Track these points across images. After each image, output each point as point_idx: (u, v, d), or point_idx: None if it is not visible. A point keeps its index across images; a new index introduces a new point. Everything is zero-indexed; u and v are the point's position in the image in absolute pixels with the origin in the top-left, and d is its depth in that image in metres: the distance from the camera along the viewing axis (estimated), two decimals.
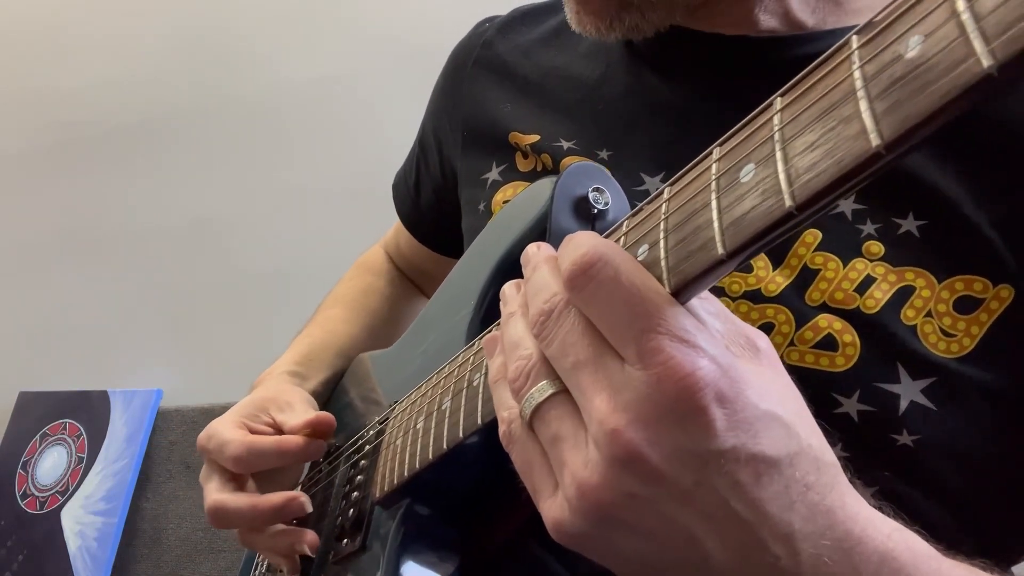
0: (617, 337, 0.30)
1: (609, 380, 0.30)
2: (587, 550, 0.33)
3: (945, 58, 0.20)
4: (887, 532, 0.31)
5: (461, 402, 0.45)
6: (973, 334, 0.47)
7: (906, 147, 0.22)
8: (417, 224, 0.88)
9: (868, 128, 0.22)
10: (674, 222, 0.31)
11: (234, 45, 1.73)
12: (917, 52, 0.21)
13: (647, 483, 0.29)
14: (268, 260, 1.67)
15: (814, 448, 0.30)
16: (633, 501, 0.30)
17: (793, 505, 0.29)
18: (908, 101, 0.21)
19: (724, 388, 0.28)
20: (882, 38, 0.23)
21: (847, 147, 0.23)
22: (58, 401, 1.65)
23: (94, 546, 1.48)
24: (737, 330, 0.32)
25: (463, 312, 0.57)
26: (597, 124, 0.62)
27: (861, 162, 0.23)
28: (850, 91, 0.24)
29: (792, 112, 0.26)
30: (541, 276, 0.34)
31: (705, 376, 0.28)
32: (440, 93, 0.79)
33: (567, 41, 0.69)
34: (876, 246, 0.49)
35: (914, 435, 0.46)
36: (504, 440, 0.35)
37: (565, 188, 0.54)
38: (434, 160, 0.81)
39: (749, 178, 0.27)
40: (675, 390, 0.28)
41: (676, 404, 0.28)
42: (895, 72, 0.22)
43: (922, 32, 0.21)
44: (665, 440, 0.28)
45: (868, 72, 0.23)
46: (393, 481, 0.52)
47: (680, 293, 0.30)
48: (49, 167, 1.77)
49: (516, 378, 0.34)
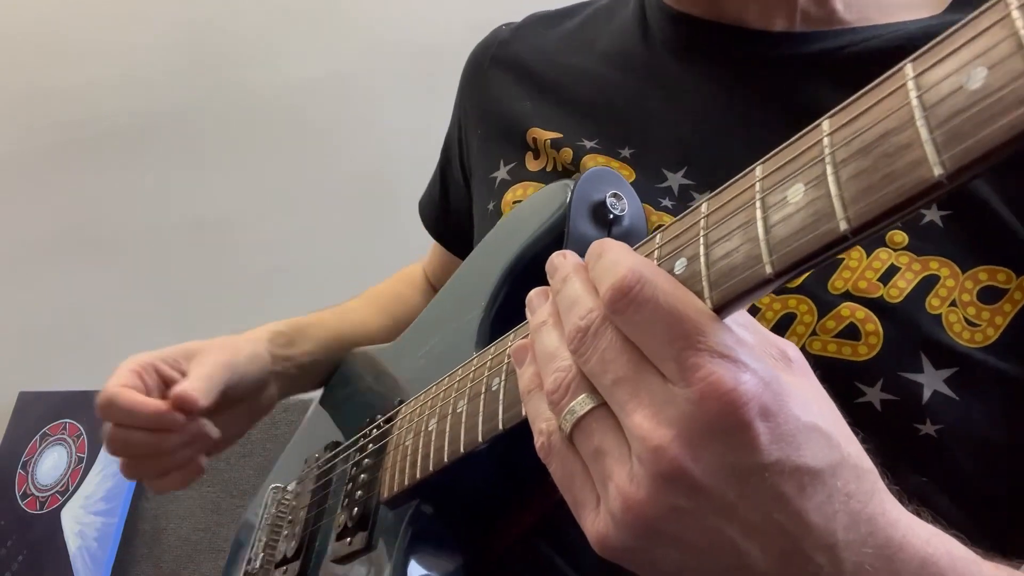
0: (658, 355, 0.30)
1: (651, 397, 0.30)
2: (630, 563, 0.33)
3: (1012, 92, 0.20)
4: (926, 537, 0.31)
5: (479, 406, 0.45)
6: (997, 324, 0.47)
7: (967, 177, 0.22)
8: (446, 233, 0.87)
9: (930, 159, 0.22)
10: (715, 237, 0.32)
11: (234, 46, 1.73)
12: (980, 84, 0.22)
13: (692, 497, 0.29)
14: (268, 260, 1.67)
15: (853, 456, 0.31)
16: (678, 515, 0.30)
17: (836, 515, 0.30)
18: (973, 134, 0.21)
19: (767, 402, 0.28)
20: (941, 68, 0.23)
21: (907, 174, 0.23)
22: (58, 401, 1.64)
23: (94, 546, 1.48)
24: (768, 341, 0.33)
25: (473, 313, 0.57)
26: (618, 122, 0.62)
27: (921, 190, 0.23)
28: (908, 119, 0.24)
29: (843, 136, 0.27)
30: (574, 289, 0.34)
31: (748, 391, 0.28)
32: (459, 99, 0.79)
33: (585, 42, 0.69)
34: (900, 235, 0.49)
35: (937, 425, 0.46)
36: (542, 452, 0.35)
37: (583, 193, 0.54)
38: (457, 164, 0.80)
39: (799, 199, 0.28)
40: (718, 406, 0.28)
41: (720, 420, 0.28)
42: (956, 103, 0.22)
43: (986, 64, 0.22)
44: (709, 456, 0.29)
45: (927, 101, 0.23)
46: (404, 482, 0.52)
47: (722, 310, 0.30)
48: (49, 167, 1.77)
49: (554, 390, 0.34)
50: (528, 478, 0.53)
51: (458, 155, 0.80)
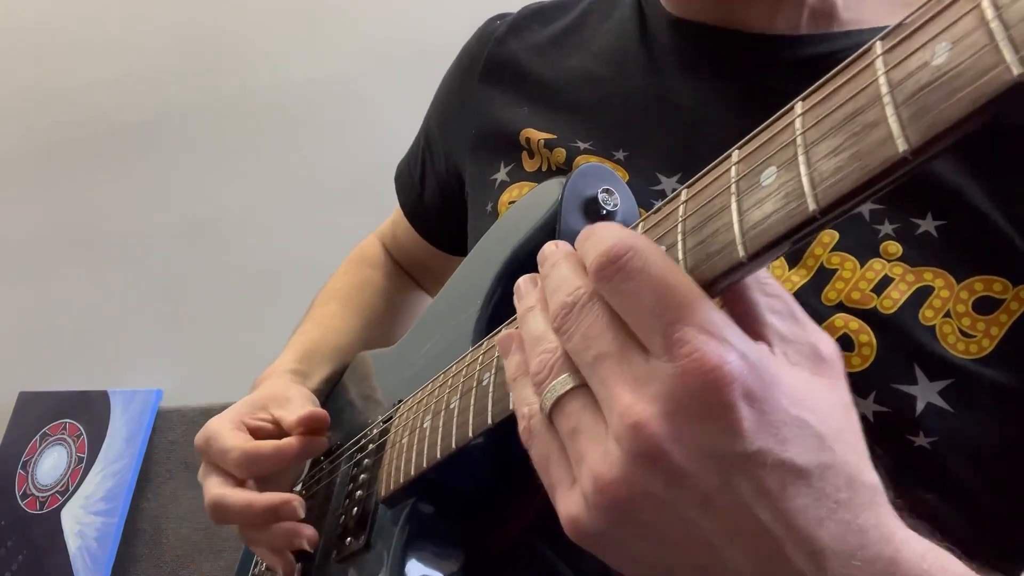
0: (644, 327, 0.29)
1: (633, 372, 0.29)
2: (600, 549, 0.32)
3: (973, 65, 0.20)
4: (921, 552, 0.30)
5: (470, 401, 0.45)
6: (992, 335, 0.46)
7: (932, 153, 0.22)
8: (420, 218, 0.87)
9: (895, 134, 0.22)
10: (692, 224, 0.32)
11: (233, 45, 1.73)
12: (944, 59, 0.21)
13: (668, 483, 0.28)
14: (268, 259, 1.67)
15: (849, 465, 0.29)
16: (652, 501, 0.29)
17: (823, 522, 0.28)
18: (935, 107, 0.21)
19: (752, 385, 0.27)
20: (907, 45, 0.23)
21: (873, 152, 0.23)
22: (58, 401, 1.65)
23: (94, 546, 1.48)
24: (803, 334, 0.31)
25: (469, 312, 0.57)
26: (613, 124, 0.62)
27: (887, 167, 0.23)
28: (875, 96, 0.24)
29: (815, 116, 0.27)
30: (561, 272, 0.33)
31: (733, 371, 0.27)
32: (448, 90, 0.79)
33: (581, 41, 0.69)
34: (894, 246, 0.49)
35: (931, 437, 0.45)
36: (524, 436, 0.34)
37: (575, 188, 0.54)
38: (439, 155, 0.80)
39: (771, 181, 0.28)
40: (701, 383, 0.27)
41: (702, 397, 0.27)
42: (921, 78, 0.22)
43: (949, 39, 0.21)
44: (689, 436, 0.27)
45: (893, 78, 0.23)
46: (399, 480, 0.52)
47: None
48: (49, 167, 1.77)
49: (538, 371, 0.33)
50: (526, 476, 0.53)
51: (440, 143, 0.79)
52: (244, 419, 0.65)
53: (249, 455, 0.61)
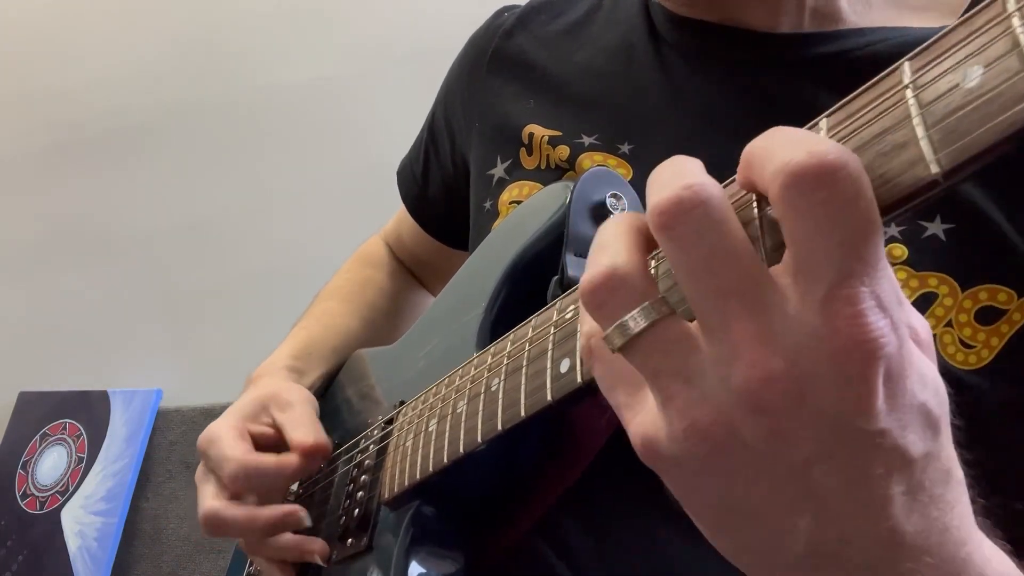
0: (810, 266, 0.24)
1: (768, 316, 0.25)
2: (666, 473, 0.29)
3: (1008, 90, 0.21)
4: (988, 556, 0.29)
5: (479, 406, 0.45)
6: (992, 346, 0.46)
7: (962, 176, 0.22)
8: (424, 213, 0.85)
9: (926, 156, 0.22)
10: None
11: (233, 46, 1.73)
12: (977, 83, 0.22)
13: (771, 438, 0.25)
14: (267, 260, 1.67)
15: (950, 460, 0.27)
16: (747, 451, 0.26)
17: (911, 515, 0.26)
18: (970, 131, 0.21)
19: (894, 366, 0.25)
20: (937, 66, 0.23)
21: (902, 173, 0.23)
22: (58, 401, 1.65)
23: (94, 546, 1.48)
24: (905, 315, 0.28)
25: (472, 314, 0.57)
26: (619, 117, 0.62)
27: (917, 188, 0.23)
28: (904, 117, 0.24)
29: (840, 136, 0.27)
30: (682, 165, 0.28)
31: (885, 347, 0.24)
32: (455, 81, 0.78)
33: (588, 34, 0.69)
34: (899, 249, 0.48)
35: None
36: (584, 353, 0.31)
37: (583, 193, 0.54)
38: (445, 148, 0.79)
39: None
40: (849, 352, 0.24)
41: (845, 366, 0.24)
42: (952, 102, 0.22)
43: (982, 63, 0.22)
44: (814, 399, 0.25)
45: (923, 99, 0.23)
46: (404, 483, 0.52)
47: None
48: (48, 167, 1.77)
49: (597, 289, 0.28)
50: (528, 479, 0.53)
51: (447, 135, 0.79)
52: (248, 426, 0.64)
53: (248, 470, 0.60)
